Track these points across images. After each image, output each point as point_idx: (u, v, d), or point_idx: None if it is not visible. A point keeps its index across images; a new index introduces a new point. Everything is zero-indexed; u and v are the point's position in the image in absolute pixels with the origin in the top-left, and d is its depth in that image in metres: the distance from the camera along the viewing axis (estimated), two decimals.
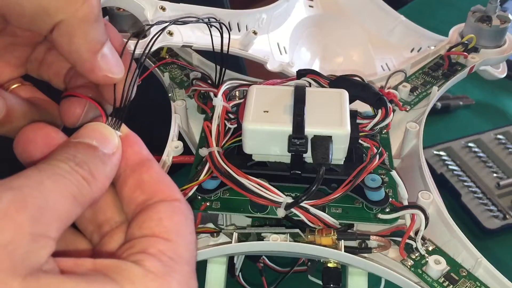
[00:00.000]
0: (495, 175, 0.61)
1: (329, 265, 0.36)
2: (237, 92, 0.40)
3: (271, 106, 0.35)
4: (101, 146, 0.22)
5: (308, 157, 0.34)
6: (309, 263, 0.44)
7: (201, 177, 0.35)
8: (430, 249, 0.35)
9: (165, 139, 0.40)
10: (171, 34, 0.42)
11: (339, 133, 0.34)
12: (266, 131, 0.34)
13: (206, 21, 0.37)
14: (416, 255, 0.34)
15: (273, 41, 0.53)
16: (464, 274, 0.33)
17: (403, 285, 0.33)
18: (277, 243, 0.34)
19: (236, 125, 0.38)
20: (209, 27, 0.39)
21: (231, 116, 0.38)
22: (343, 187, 0.34)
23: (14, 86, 0.29)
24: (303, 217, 0.34)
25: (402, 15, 0.58)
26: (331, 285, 0.36)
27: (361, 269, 0.36)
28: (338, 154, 0.34)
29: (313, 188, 0.33)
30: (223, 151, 0.36)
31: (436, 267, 0.33)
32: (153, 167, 0.24)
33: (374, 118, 0.38)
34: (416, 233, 0.34)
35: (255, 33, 0.47)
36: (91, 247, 0.24)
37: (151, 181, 0.23)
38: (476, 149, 0.64)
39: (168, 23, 0.32)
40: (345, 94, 0.36)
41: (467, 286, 0.33)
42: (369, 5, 0.60)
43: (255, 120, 0.34)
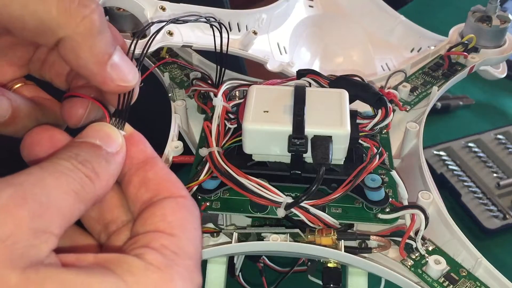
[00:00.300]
0: (495, 175, 0.61)
1: (329, 265, 0.36)
2: (237, 92, 0.40)
3: (271, 106, 0.35)
4: (104, 145, 0.23)
5: (308, 157, 0.34)
6: (309, 263, 0.44)
7: (201, 177, 0.35)
8: (430, 249, 0.34)
9: (165, 139, 0.40)
10: (171, 34, 0.42)
11: (339, 133, 0.34)
12: (266, 131, 0.34)
13: (205, 19, 0.37)
14: (416, 255, 0.34)
15: (273, 41, 0.53)
16: (464, 274, 0.33)
17: (403, 285, 0.33)
18: (277, 243, 0.34)
19: (236, 125, 0.38)
20: (211, 25, 0.39)
21: (231, 116, 0.38)
22: (343, 187, 0.34)
23: (17, 86, 0.29)
24: (303, 217, 0.34)
25: (402, 15, 0.58)
26: (331, 285, 0.36)
27: (361, 269, 0.36)
28: (338, 154, 0.34)
29: (313, 188, 0.33)
30: (223, 151, 0.36)
31: (436, 267, 0.33)
32: (158, 164, 0.24)
33: (374, 118, 0.38)
34: (416, 233, 0.34)
35: (255, 33, 0.47)
36: (98, 246, 0.24)
37: (156, 179, 0.23)
38: (476, 149, 0.64)
39: (167, 21, 0.32)
40: (345, 94, 0.36)
41: (467, 286, 0.33)
42: (369, 5, 0.60)
43: (255, 120, 0.34)
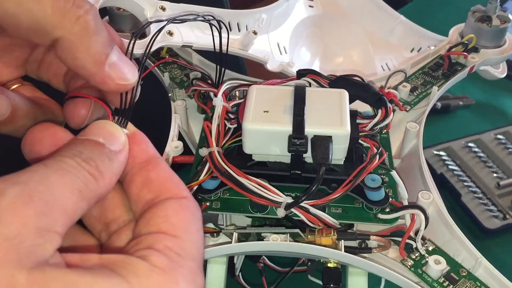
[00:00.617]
0: (495, 175, 0.61)
1: (329, 265, 0.36)
2: (237, 92, 0.40)
3: (271, 106, 0.35)
4: (108, 143, 0.23)
5: (308, 157, 0.34)
6: (309, 263, 0.44)
7: (201, 177, 0.35)
8: (430, 249, 0.34)
9: (165, 139, 0.40)
10: (171, 34, 0.42)
11: (339, 133, 0.34)
12: (266, 131, 0.34)
13: (204, 18, 0.37)
14: (416, 255, 0.34)
15: (273, 41, 0.53)
16: (464, 274, 0.33)
17: (403, 285, 0.33)
18: (277, 243, 0.34)
19: (236, 125, 0.38)
20: (210, 24, 0.39)
21: (231, 116, 0.38)
22: (343, 187, 0.34)
23: (14, 87, 0.29)
24: (303, 217, 0.34)
25: (402, 15, 0.58)
26: (331, 285, 0.36)
27: (361, 269, 0.36)
28: (338, 154, 0.34)
29: (313, 188, 0.32)
30: (223, 151, 0.36)
31: (436, 267, 0.33)
32: (160, 165, 0.24)
33: (374, 118, 0.38)
34: (416, 233, 0.34)
35: (255, 33, 0.47)
36: (99, 245, 0.24)
37: (158, 179, 0.23)
38: (476, 149, 0.64)
39: (165, 21, 0.32)
40: (345, 94, 0.36)
41: (467, 286, 0.33)
42: (369, 5, 0.60)
43: (255, 120, 0.34)
